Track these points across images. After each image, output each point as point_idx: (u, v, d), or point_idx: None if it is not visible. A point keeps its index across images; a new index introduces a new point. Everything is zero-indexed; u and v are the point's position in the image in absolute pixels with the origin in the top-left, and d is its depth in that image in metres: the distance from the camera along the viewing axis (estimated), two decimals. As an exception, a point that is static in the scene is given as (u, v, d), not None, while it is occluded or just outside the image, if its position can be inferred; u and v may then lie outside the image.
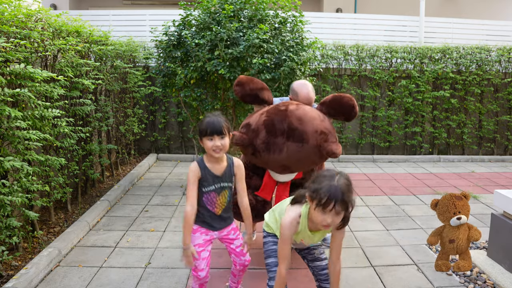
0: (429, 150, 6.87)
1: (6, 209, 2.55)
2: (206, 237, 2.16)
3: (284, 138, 2.33)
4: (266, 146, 2.36)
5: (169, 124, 6.60)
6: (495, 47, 6.78)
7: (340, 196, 1.59)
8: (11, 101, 2.71)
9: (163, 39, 4.33)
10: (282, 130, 2.34)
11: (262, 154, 2.37)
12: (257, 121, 2.43)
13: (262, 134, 2.37)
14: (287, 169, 2.46)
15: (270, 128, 2.36)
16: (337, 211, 1.62)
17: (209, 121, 1.99)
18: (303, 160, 2.38)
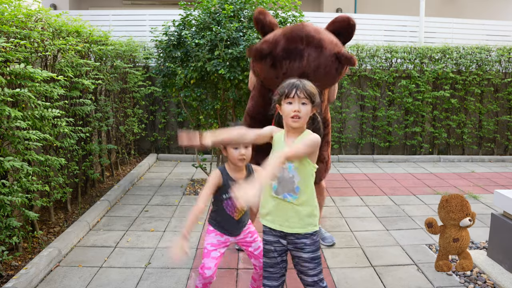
0: (429, 150, 6.87)
1: (6, 209, 2.55)
2: (221, 238, 2.17)
3: (303, 45, 2.41)
4: (286, 53, 2.42)
5: (169, 124, 6.60)
6: (495, 47, 6.78)
7: (301, 85, 1.78)
8: (11, 101, 2.71)
9: (163, 39, 4.33)
10: (301, 37, 2.42)
11: (283, 62, 2.42)
12: (274, 34, 2.52)
13: (282, 42, 2.44)
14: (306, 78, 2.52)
15: (289, 35, 2.44)
16: (300, 98, 1.76)
17: None
18: (322, 67, 2.44)
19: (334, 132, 6.63)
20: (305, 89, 1.78)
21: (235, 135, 1.94)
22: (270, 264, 1.96)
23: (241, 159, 2.02)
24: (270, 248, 1.95)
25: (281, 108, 1.83)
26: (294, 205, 1.85)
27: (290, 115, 1.77)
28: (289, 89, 1.78)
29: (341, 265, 2.86)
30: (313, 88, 1.82)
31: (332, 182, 4.99)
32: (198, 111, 4.48)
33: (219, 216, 2.16)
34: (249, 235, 2.25)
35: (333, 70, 2.49)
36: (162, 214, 3.84)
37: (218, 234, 2.18)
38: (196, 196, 4.40)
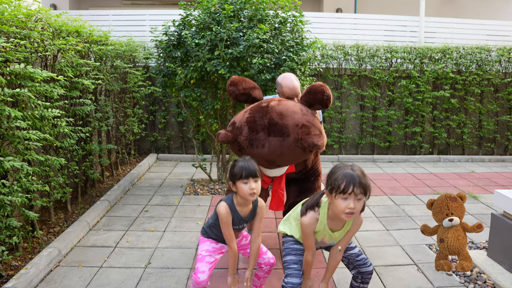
0: (429, 150, 6.87)
1: (6, 209, 2.55)
2: (215, 246, 2.18)
3: (265, 134, 2.41)
4: (249, 142, 2.43)
5: (169, 124, 6.60)
6: (495, 47, 6.78)
7: (357, 179, 1.69)
8: (11, 101, 2.71)
9: (163, 39, 4.33)
10: (263, 126, 2.41)
11: (247, 149, 2.44)
12: (241, 119, 2.51)
13: (245, 131, 2.45)
14: (273, 164, 2.51)
15: (251, 124, 2.44)
16: (356, 194, 1.70)
17: (243, 165, 2.00)
18: (286, 154, 2.43)
19: (334, 132, 6.63)
20: (361, 184, 1.69)
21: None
22: (295, 261, 1.99)
23: (252, 193, 2.00)
24: (298, 247, 2.00)
25: (332, 200, 1.77)
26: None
27: (344, 211, 1.72)
28: (346, 185, 1.68)
29: (341, 265, 2.85)
30: (366, 177, 1.74)
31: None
32: (198, 111, 4.48)
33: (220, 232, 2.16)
34: (244, 239, 2.27)
35: (298, 153, 2.45)
36: (162, 214, 3.84)
37: (213, 242, 2.20)
38: (196, 196, 4.40)
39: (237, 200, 2.08)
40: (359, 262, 2.10)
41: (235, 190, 2.04)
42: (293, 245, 2.04)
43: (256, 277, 2.33)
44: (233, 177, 2.02)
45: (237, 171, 2.00)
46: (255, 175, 1.99)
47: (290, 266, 2.00)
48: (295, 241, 2.07)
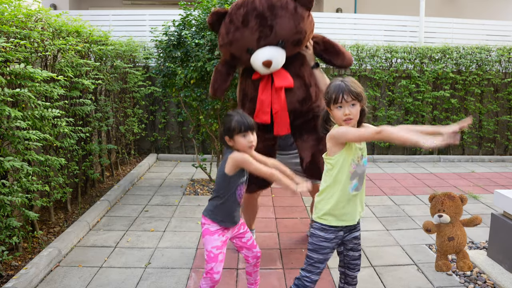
0: (429, 150, 6.86)
1: (6, 209, 2.55)
2: (223, 238, 2.15)
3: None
4: (239, 6, 2.54)
5: (169, 124, 6.60)
6: (495, 47, 6.78)
7: (346, 87, 1.80)
8: (11, 101, 2.71)
9: (163, 39, 4.33)
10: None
11: (238, 12, 2.52)
12: None
13: (234, 2, 2.61)
14: (264, 22, 2.51)
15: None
16: (348, 101, 1.80)
17: (239, 119, 1.99)
18: (277, 5, 2.49)
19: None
20: (351, 91, 1.80)
21: None
22: (321, 260, 1.98)
23: (251, 146, 2.01)
24: (327, 245, 1.97)
25: (332, 112, 1.88)
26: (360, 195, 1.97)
27: (342, 119, 1.83)
28: (336, 95, 1.81)
29: (341, 265, 2.85)
30: (358, 85, 1.84)
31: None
32: (198, 111, 4.48)
33: (227, 205, 2.11)
34: (242, 227, 2.25)
35: (290, 9, 2.51)
36: (162, 214, 3.84)
37: (220, 234, 2.14)
38: (196, 196, 4.40)
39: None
40: (350, 265, 2.08)
41: (232, 144, 2.02)
42: (323, 242, 1.97)
43: (248, 274, 2.34)
44: (230, 131, 2.00)
45: (235, 125, 1.98)
46: (253, 127, 2.00)
47: (315, 265, 1.98)
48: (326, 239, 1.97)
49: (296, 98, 2.68)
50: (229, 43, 2.63)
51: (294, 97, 2.67)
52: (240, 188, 2.12)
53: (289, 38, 2.57)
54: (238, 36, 2.56)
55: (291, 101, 2.67)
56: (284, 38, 2.55)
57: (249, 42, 2.56)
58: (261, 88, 2.68)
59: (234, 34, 2.57)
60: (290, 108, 2.69)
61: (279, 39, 2.55)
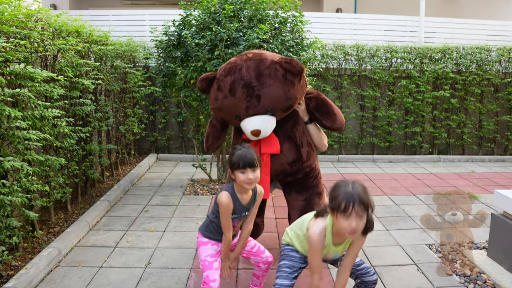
0: (429, 150, 6.87)
1: (6, 209, 2.55)
2: (217, 248, 2.16)
3: (242, 61, 2.51)
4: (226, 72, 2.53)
5: (169, 124, 6.60)
6: (495, 47, 6.78)
7: (357, 198, 1.65)
8: (11, 101, 2.71)
9: (163, 39, 4.33)
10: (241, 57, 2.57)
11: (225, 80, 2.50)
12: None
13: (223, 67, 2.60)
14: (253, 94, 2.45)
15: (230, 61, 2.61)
16: (357, 213, 1.66)
17: (241, 154, 1.98)
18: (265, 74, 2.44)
19: (334, 132, 6.63)
20: (362, 201, 1.66)
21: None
22: (288, 265, 1.98)
23: (249, 183, 2.00)
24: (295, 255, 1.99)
25: (335, 218, 1.74)
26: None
27: (347, 231, 1.68)
28: (346, 205, 1.65)
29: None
30: (367, 194, 1.71)
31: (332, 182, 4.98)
32: (198, 111, 4.48)
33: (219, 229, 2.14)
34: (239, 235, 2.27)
35: (279, 77, 2.43)
36: (162, 214, 3.84)
37: (214, 244, 2.17)
38: (196, 196, 4.40)
39: (237, 188, 2.06)
40: (361, 271, 2.08)
41: (234, 178, 2.03)
42: (290, 252, 2.00)
43: (255, 277, 2.33)
44: (231, 165, 2.01)
45: (235, 160, 1.99)
46: (253, 164, 1.98)
47: (282, 269, 1.98)
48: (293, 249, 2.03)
49: (286, 160, 2.67)
50: (218, 109, 2.59)
51: (283, 159, 2.66)
52: (234, 221, 2.12)
53: (278, 106, 2.50)
54: (227, 104, 2.51)
55: (280, 163, 2.66)
56: (273, 107, 2.49)
57: (237, 110, 2.51)
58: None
59: (223, 102, 2.52)
60: (280, 169, 2.69)
61: (268, 107, 2.48)
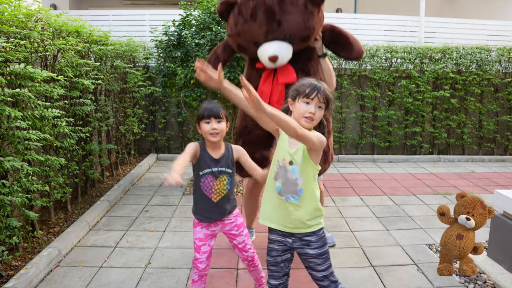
0: (429, 150, 6.87)
1: (6, 209, 2.55)
2: (207, 231, 2.16)
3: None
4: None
5: (169, 124, 6.60)
6: (495, 47, 6.78)
7: (322, 88, 1.79)
8: (11, 101, 2.71)
9: (163, 39, 4.33)
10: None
11: (247, 4, 2.47)
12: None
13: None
14: (272, 16, 2.47)
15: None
16: (319, 101, 1.77)
17: (206, 106, 2.04)
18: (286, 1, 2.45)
19: (334, 132, 6.63)
20: (325, 93, 1.78)
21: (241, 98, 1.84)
22: (272, 263, 1.96)
23: (213, 133, 2.01)
24: (272, 247, 1.95)
25: (294, 105, 1.82)
26: (296, 207, 1.84)
27: (304, 115, 1.77)
28: (310, 90, 1.77)
29: (341, 265, 2.86)
30: (331, 93, 1.83)
31: (332, 182, 4.99)
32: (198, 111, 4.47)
33: (198, 196, 2.13)
34: (235, 228, 2.21)
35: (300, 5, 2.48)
36: (162, 214, 3.84)
37: (203, 227, 2.16)
38: (196, 196, 4.40)
39: (207, 143, 2.09)
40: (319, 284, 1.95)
41: (199, 130, 2.06)
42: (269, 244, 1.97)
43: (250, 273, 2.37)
44: (198, 118, 2.05)
45: (200, 112, 2.03)
46: (218, 115, 2.01)
47: (269, 267, 1.98)
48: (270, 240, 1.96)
49: (295, 80, 2.67)
50: (237, 34, 2.63)
51: (293, 78, 2.67)
52: (202, 181, 2.08)
53: (297, 34, 2.57)
54: (246, 29, 2.56)
55: None
56: (292, 34, 2.54)
57: (256, 35, 2.56)
58: (263, 79, 2.70)
59: (242, 26, 2.57)
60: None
61: (287, 34, 2.54)
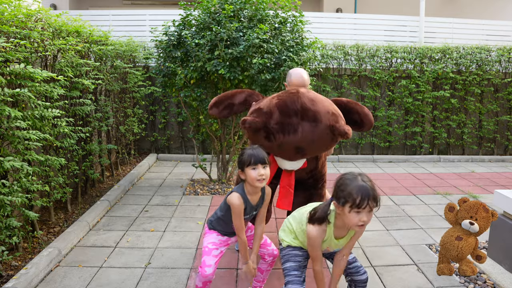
0: (429, 150, 6.87)
1: (6, 209, 2.55)
2: (222, 238, 2.20)
3: (298, 118, 2.33)
4: (280, 127, 2.34)
5: (169, 124, 6.60)
6: (495, 47, 6.78)
7: (371, 193, 1.70)
8: (11, 101, 2.71)
9: (163, 39, 4.33)
10: (296, 110, 2.33)
11: (277, 136, 2.35)
12: (268, 105, 2.41)
13: (276, 115, 2.35)
14: (300, 152, 2.43)
15: (283, 109, 2.35)
16: (370, 208, 1.71)
17: (252, 152, 2.04)
18: (317, 141, 2.38)
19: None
20: (375, 197, 1.71)
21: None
22: (295, 267, 1.98)
23: (260, 180, 2.02)
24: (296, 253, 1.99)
25: (343, 211, 1.75)
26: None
27: (357, 224, 1.72)
28: (361, 200, 1.68)
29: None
30: (375, 187, 1.75)
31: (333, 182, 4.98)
32: (198, 111, 4.48)
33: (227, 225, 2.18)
34: (249, 231, 2.28)
35: (327, 141, 2.42)
36: (162, 214, 3.84)
37: (219, 235, 2.21)
38: (196, 196, 4.40)
39: (247, 188, 2.11)
40: (351, 270, 2.08)
41: (244, 177, 2.06)
42: (291, 251, 2.01)
43: (259, 271, 2.35)
44: (242, 164, 2.05)
45: (246, 158, 2.03)
46: (264, 161, 2.03)
47: (290, 273, 1.97)
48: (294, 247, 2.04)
49: (305, 170, 2.71)
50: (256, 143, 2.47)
51: (304, 170, 2.68)
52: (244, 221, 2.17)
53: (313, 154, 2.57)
54: (269, 148, 2.43)
55: (299, 171, 2.66)
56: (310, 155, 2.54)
57: (279, 154, 2.49)
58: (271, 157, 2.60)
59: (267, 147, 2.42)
60: (298, 177, 2.72)
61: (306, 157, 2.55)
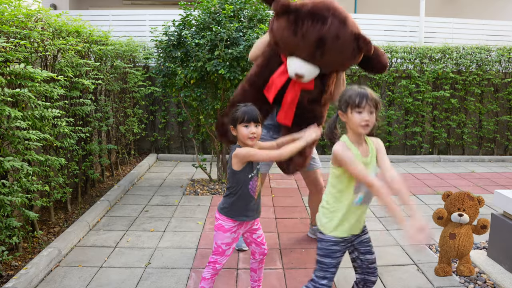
0: (429, 150, 6.87)
1: (6, 209, 2.55)
2: (234, 235, 2.17)
3: (329, 13, 2.40)
4: (311, 15, 2.39)
5: (169, 124, 6.60)
6: (495, 47, 6.78)
7: (368, 94, 1.85)
8: (11, 101, 2.71)
9: (163, 39, 4.33)
10: (328, 7, 2.41)
11: (305, 21, 2.39)
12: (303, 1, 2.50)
13: (309, 6, 2.43)
14: (321, 48, 2.43)
15: (318, 3, 2.44)
16: (369, 108, 1.84)
17: (245, 110, 2.04)
18: (341, 39, 2.40)
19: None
20: (373, 98, 1.86)
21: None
22: (334, 264, 1.99)
23: (251, 137, 2.02)
24: (337, 249, 1.99)
25: (347, 116, 1.89)
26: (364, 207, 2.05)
27: (361, 124, 1.85)
28: (359, 99, 1.84)
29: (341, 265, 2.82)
30: (377, 96, 1.90)
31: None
32: (198, 111, 4.48)
33: (241, 201, 2.12)
34: (256, 222, 2.27)
35: (349, 49, 2.45)
36: (162, 214, 3.84)
37: (233, 232, 2.15)
38: (196, 196, 4.40)
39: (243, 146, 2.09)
40: (370, 270, 2.10)
41: (235, 133, 2.06)
42: (332, 246, 1.98)
43: (252, 271, 2.35)
44: (234, 120, 2.04)
45: (239, 115, 2.02)
46: (257, 119, 2.03)
47: (329, 270, 1.98)
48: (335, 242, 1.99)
49: (307, 97, 2.68)
50: (279, 37, 2.55)
51: (306, 96, 2.66)
52: (251, 182, 2.12)
53: (330, 68, 2.60)
54: (292, 42, 2.49)
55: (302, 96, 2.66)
56: (326, 66, 2.55)
57: (296, 50, 2.51)
58: (280, 71, 2.62)
59: (290, 36, 2.48)
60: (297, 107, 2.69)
61: (322, 64, 2.53)
